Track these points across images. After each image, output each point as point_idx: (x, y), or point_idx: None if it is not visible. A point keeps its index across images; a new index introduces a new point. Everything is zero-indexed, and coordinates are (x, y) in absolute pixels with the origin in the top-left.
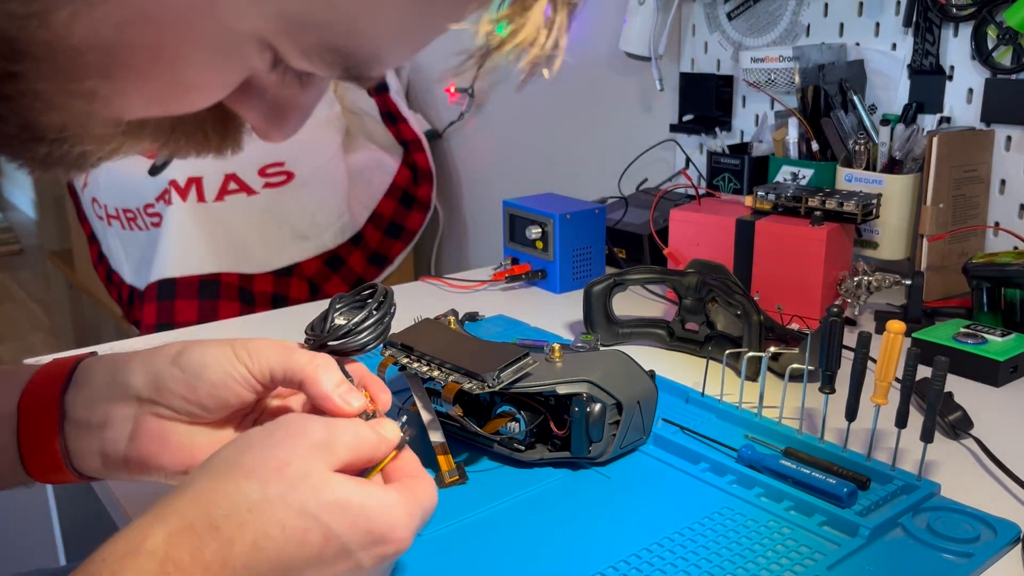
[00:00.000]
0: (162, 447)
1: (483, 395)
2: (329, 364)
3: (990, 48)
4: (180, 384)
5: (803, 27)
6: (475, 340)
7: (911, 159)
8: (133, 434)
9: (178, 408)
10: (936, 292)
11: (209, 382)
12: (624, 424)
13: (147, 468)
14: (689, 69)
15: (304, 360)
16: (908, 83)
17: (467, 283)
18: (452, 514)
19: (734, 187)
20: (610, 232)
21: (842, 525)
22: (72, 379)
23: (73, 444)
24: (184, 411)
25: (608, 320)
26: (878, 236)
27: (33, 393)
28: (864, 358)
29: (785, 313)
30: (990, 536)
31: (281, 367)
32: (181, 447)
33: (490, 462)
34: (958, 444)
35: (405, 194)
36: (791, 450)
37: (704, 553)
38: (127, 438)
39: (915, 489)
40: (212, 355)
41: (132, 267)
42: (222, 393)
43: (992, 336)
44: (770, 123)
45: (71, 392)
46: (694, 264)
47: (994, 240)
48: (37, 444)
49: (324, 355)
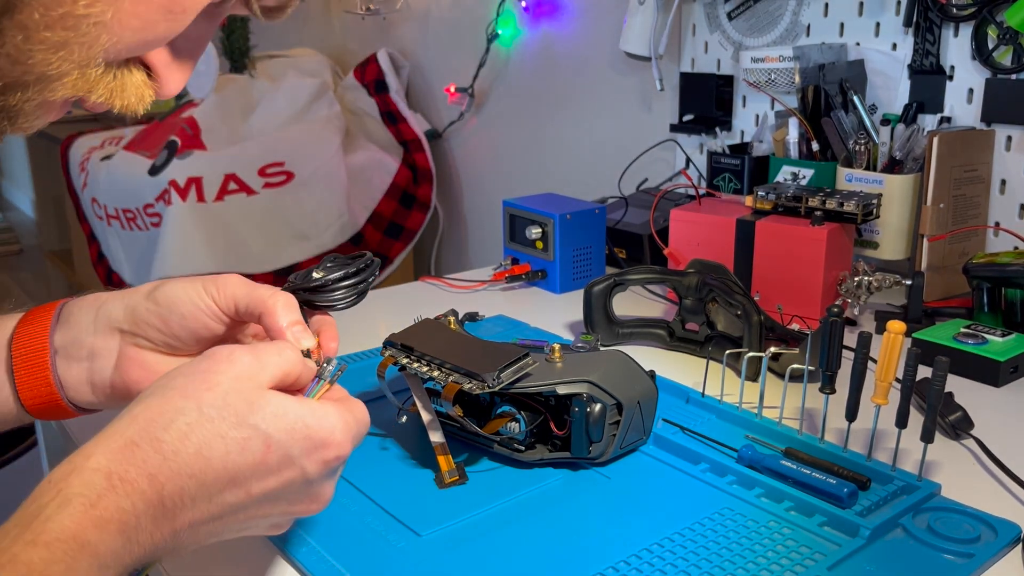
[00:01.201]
0: (144, 375)
1: (483, 395)
2: (290, 303)
3: (990, 48)
4: (155, 317)
5: (803, 27)
6: (475, 340)
7: (911, 159)
8: (117, 364)
9: (154, 339)
10: (936, 292)
11: (179, 314)
12: (624, 424)
13: (131, 394)
14: (689, 69)
15: (266, 294)
16: (908, 83)
17: (467, 283)
18: (452, 514)
19: (734, 187)
20: (610, 232)
21: (842, 525)
22: (59, 319)
23: (65, 376)
24: (160, 342)
25: (608, 320)
26: (878, 236)
27: (23, 336)
28: (864, 358)
29: (785, 313)
30: (990, 536)
31: (244, 299)
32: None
33: (490, 462)
34: (958, 444)
35: (405, 194)
36: (791, 450)
37: (704, 553)
38: (112, 367)
39: (915, 489)
40: (183, 289)
41: (132, 267)
42: (191, 324)
43: (992, 336)
44: (770, 123)
45: (59, 331)
46: (694, 264)
47: (994, 240)
48: (32, 381)
49: (287, 294)
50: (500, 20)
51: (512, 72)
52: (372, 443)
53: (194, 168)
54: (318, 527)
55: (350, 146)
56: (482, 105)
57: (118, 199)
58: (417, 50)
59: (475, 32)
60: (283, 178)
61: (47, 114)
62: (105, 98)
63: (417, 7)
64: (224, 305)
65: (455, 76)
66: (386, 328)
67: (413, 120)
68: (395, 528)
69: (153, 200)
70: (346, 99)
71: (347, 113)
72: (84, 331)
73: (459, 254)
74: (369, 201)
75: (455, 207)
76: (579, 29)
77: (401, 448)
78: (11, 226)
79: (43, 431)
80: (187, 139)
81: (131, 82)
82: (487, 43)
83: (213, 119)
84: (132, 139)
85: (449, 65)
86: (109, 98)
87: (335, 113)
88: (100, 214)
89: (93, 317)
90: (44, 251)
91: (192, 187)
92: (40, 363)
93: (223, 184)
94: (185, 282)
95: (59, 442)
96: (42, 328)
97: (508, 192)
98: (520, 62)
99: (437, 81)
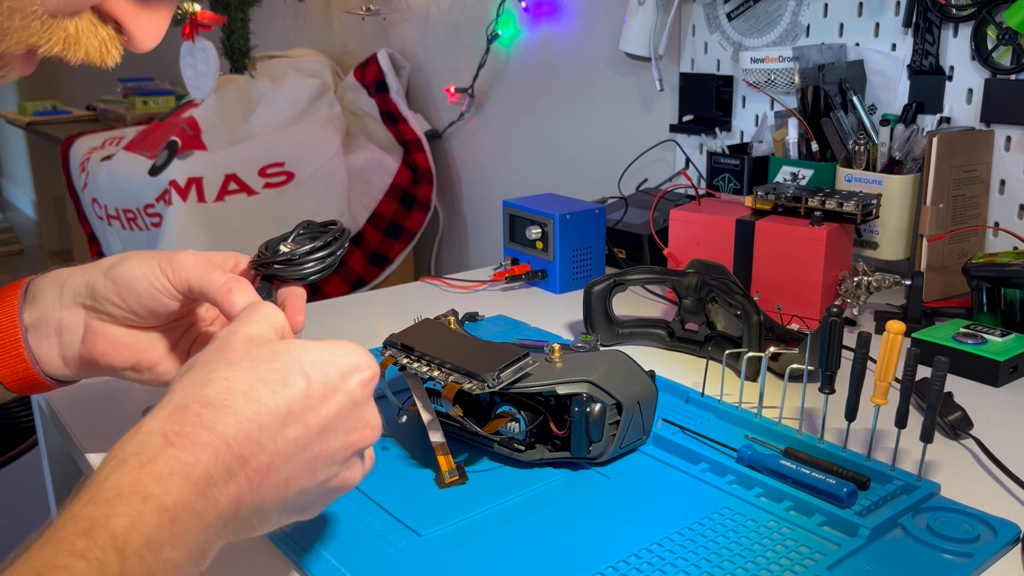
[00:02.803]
0: (109, 346)
1: (483, 395)
2: (243, 287)
3: (990, 48)
4: (112, 293)
5: (803, 27)
6: (475, 340)
7: (911, 159)
8: (84, 337)
9: (114, 314)
10: (936, 292)
11: (135, 292)
12: (624, 424)
13: (99, 366)
14: (689, 69)
15: (219, 282)
16: (908, 83)
17: (467, 283)
18: (452, 514)
19: (734, 187)
20: (610, 232)
21: (842, 525)
22: (26, 297)
23: (37, 352)
24: (120, 316)
25: (608, 320)
26: (878, 236)
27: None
28: (864, 358)
29: (785, 313)
30: (990, 536)
31: (199, 283)
32: (126, 346)
33: (490, 462)
34: (958, 444)
35: (405, 194)
36: (791, 450)
37: (704, 553)
38: (80, 340)
39: (915, 489)
40: (139, 267)
41: None
42: (147, 302)
43: (992, 336)
44: (770, 123)
45: (27, 309)
46: (694, 264)
47: (994, 240)
48: (7, 360)
49: (240, 281)
50: (500, 20)
51: (512, 72)
52: None
53: (194, 168)
54: (318, 527)
55: (350, 146)
56: (482, 105)
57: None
58: (417, 50)
59: (475, 32)
60: (283, 178)
61: (10, 66)
62: (59, 49)
63: (417, 7)
64: (178, 285)
65: (455, 76)
66: (386, 328)
67: (413, 120)
68: (395, 528)
69: (153, 200)
70: (346, 99)
71: (347, 113)
72: (50, 307)
73: (459, 254)
74: (369, 201)
75: (455, 207)
76: (579, 29)
77: (401, 448)
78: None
79: (43, 431)
80: (187, 139)
81: (91, 34)
82: (487, 43)
83: (213, 119)
84: (132, 139)
85: (449, 65)
86: (63, 49)
87: (335, 113)
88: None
89: (58, 293)
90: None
91: (192, 187)
92: (13, 342)
93: (223, 184)
94: (142, 259)
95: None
96: (10, 308)
97: (508, 192)
98: (520, 62)
99: (437, 81)
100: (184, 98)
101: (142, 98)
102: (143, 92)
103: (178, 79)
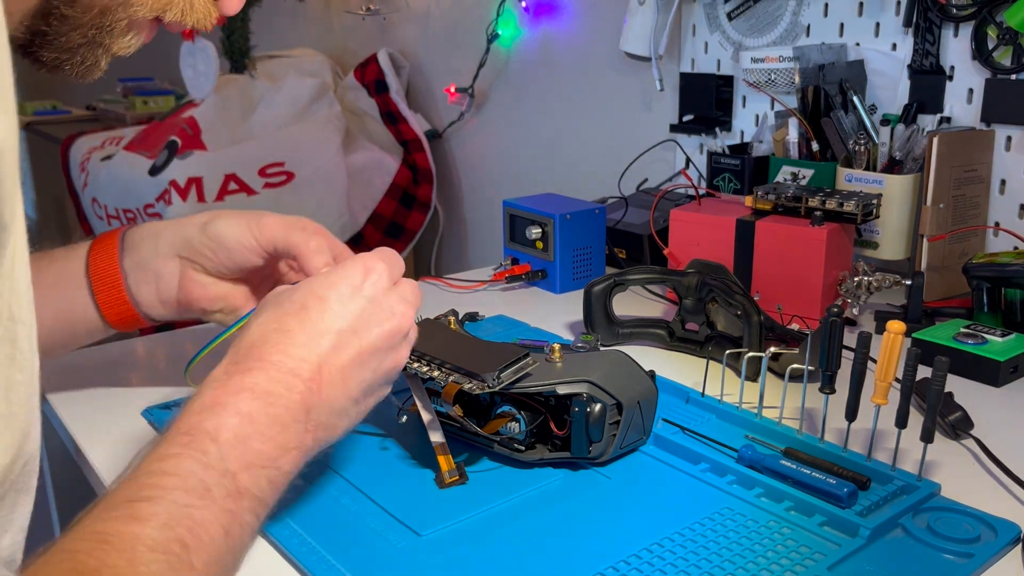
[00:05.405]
0: (203, 293)
1: (483, 395)
2: (320, 247)
3: (990, 48)
4: (206, 248)
5: (803, 27)
6: (475, 340)
7: (911, 159)
8: (180, 284)
9: (207, 266)
10: (936, 292)
11: (226, 248)
12: (624, 424)
13: (193, 309)
14: (689, 69)
15: (300, 240)
16: (908, 83)
17: (467, 283)
18: (452, 514)
19: (734, 187)
20: (610, 232)
21: (842, 525)
22: (124, 246)
23: (137, 295)
24: (212, 269)
25: (608, 320)
26: (878, 236)
27: (97, 262)
28: (864, 358)
29: (785, 313)
30: (990, 536)
31: (283, 242)
32: (217, 294)
33: (490, 462)
34: (958, 444)
35: (405, 194)
36: (791, 450)
37: (704, 553)
38: (176, 287)
39: (915, 489)
40: (230, 226)
41: None
42: (236, 257)
43: (992, 336)
44: (770, 123)
45: (127, 256)
46: (694, 264)
47: (994, 240)
48: (112, 300)
49: (318, 239)
50: (500, 20)
51: (512, 72)
52: (372, 443)
53: (194, 168)
54: (318, 527)
55: (350, 146)
56: (482, 105)
57: (118, 199)
58: (417, 50)
59: (475, 32)
60: (283, 178)
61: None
62: (178, 16)
63: (417, 7)
64: (264, 244)
65: (455, 76)
66: None
67: (413, 120)
68: (395, 528)
69: (153, 200)
70: (346, 99)
71: (347, 113)
72: (148, 256)
73: (459, 254)
74: (369, 201)
75: (455, 207)
76: (579, 29)
77: (401, 448)
78: None
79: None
80: (187, 139)
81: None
82: (487, 43)
83: (213, 119)
84: (132, 139)
85: (449, 65)
86: (181, 17)
87: (335, 113)
88: (100, 214)
89: (155, 244)
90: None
91: (192, 187)
92: (116, 284)
93: (223, 184)
94: (232, 219)
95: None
96: (111, 254)
97: (508, 192)
98: (520, 62)
99: (437, 81)
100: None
101: (142, 98)
102: (143, 92)
103: (178, 79)
